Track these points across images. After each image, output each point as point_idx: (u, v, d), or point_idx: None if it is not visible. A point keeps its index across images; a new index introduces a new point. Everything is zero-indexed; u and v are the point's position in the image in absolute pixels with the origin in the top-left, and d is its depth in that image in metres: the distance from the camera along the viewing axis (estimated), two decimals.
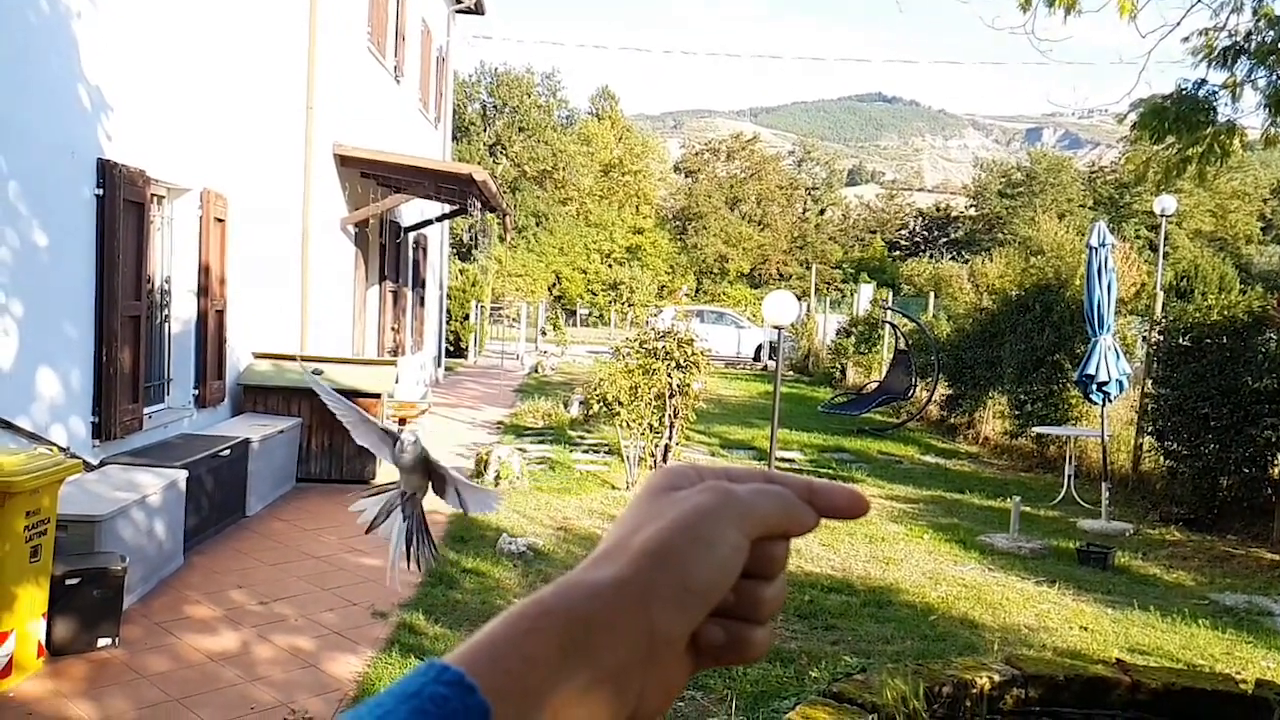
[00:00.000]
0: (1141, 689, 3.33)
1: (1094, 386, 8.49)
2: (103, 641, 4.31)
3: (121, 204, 5.68)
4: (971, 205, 56.81)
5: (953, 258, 45.44)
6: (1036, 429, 10.82)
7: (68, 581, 4.18)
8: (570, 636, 0.40)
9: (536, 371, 19.36)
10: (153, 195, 6.30)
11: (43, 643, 4.08)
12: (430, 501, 1.99)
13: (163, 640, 4.51)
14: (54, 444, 4.75)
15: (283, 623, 4.84)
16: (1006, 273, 14.03)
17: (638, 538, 0.45)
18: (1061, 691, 3.28)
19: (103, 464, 5.45)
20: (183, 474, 5.51)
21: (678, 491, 0.47)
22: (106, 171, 5.55)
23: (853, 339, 18.66)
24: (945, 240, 55.12)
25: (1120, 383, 8.51)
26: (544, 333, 27.99)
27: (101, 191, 5.53)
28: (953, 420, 13.80)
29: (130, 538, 4.80)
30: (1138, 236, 36.03)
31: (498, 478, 8.18)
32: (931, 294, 20.66)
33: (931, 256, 48.93)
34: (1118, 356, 8.47)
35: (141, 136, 6.02)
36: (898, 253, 54.76)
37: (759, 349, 25.12)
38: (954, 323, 14.83)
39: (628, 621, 0.42)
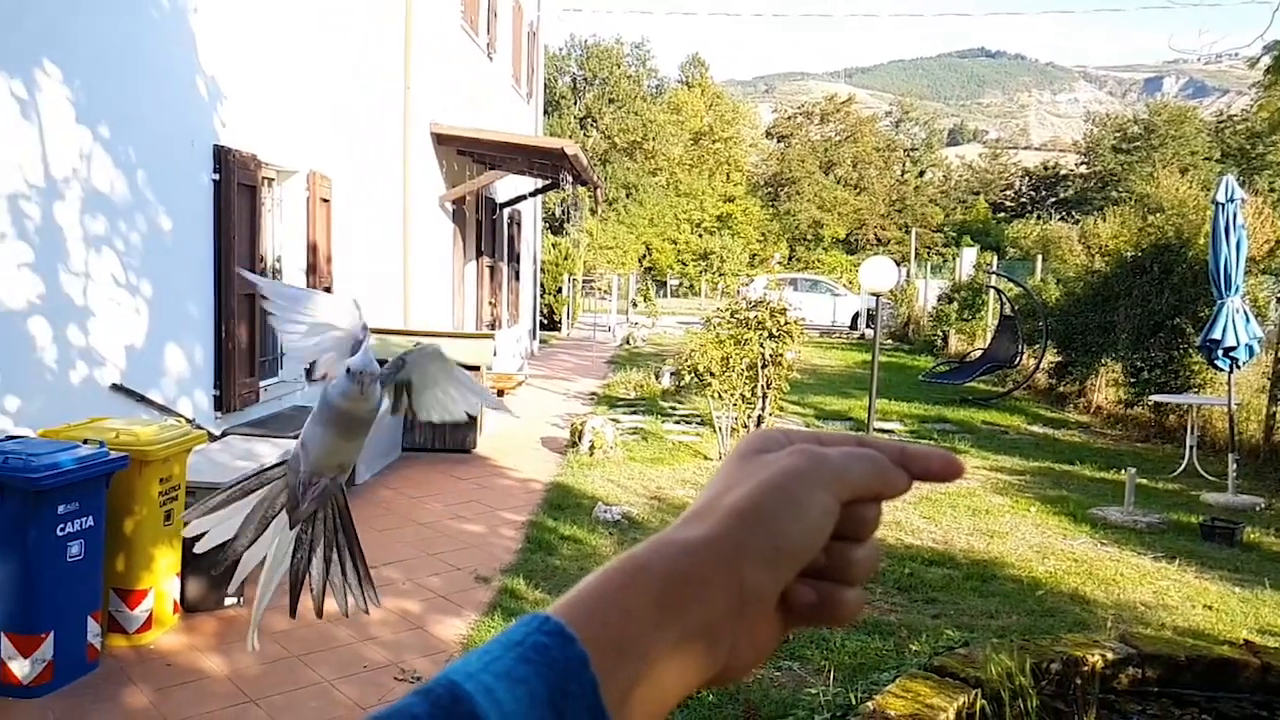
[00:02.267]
0: (1272, 671, 3.18)
1: (1220, 352, 8.04)
2: (230, 600, 4.57)
3: (236, 188, 5.94)
4: (1082, 162, 54.22)
5: (1062, 218, 43.54)
6: (1154, 397, 10.34)
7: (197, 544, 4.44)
8: (664, 591, 0.42)
9: (628, 343, 19.47)
10: (263, 178, 6.55)
11: (177, 600, 4.35)
12: (532, 466, 1.81)
13: (282, 600, 4.73)
14: (182, 415, 5.03)
15: (391, 586, 5.04)
16: (1121, 233, 13.35)
17: (728, 498, 0.45)
18: (1182, 672, 3.16)
19: (225, 434, 5.75)
20: (296, 443, 5.76)
21: (768, 454, 0.47)
22: (222, 158, 5.79)
23: (955, 305, 18.14)
24: (1054, 200, 52.82)
25: (1250, 348, 8.03)
26: (635, 304, 28.10)
27: (218, 177, 5.78)
28: (1062, 389, 13.30)
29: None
30: (1271, 190, 33.78)
31: (592, 447, 8.29)
32: (1039, 257, 19.90)
33: (1039, 218, 46.97)
34: (1247, 320, 7.99)
35: (252, 122, 6.26)
36: (1002, 214, 52.73)
37: (856, 317, 24.67)
38: (1063, 286, 14.25)
39: (719, 578, 0.43)
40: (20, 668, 3.56)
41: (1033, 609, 4.99)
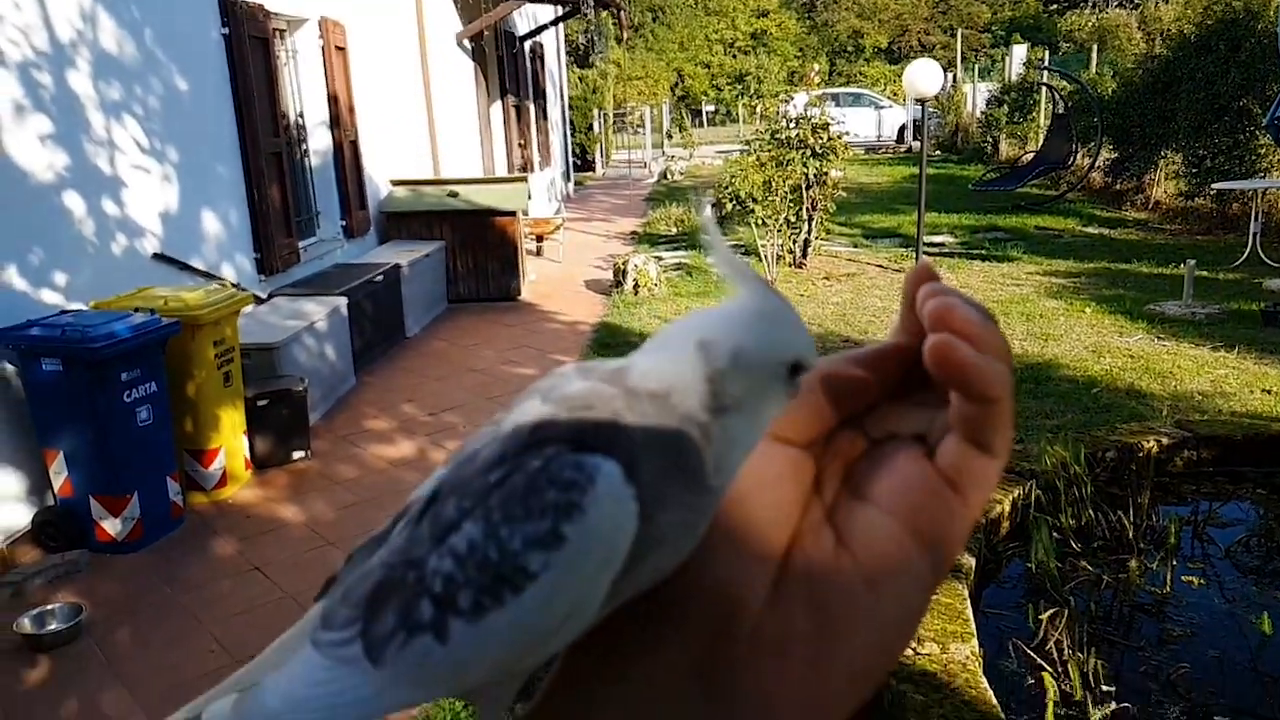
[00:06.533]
0: None
1: None
2: (297, 454, 4.75)
3: (248, 41, 5.76)
4: None
5: (1119, 4, 40.73)
6: (1217, 185, 9.89)
7: (258, 403, 4.59)
8: None
9: (665, 178, 19.07)
10: (274, 30, 6.34)
11: (248, 457, 4.54)
12: (578, 309, 1.71)
13: (348, 451, 4.93)
14: (225, 280, 5.09)
15: (452, 430, 5.19)
16: (1185, 14, 12.45)
17: None
18: (1238, 451, 3.14)
19: (271, 296, 5.82)
20: (343, 300, 5.83)
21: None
22: (229, 10, 5.59)
23: (1005, 108, 17.30)
24: None
25: None
26: (669, 136, 27.35)
27: (227, 30, 5.60)
28: (1118, 186, 12.80)
29: (305, 361, 5.17)
30: None
31: (636, 286, 8.27)
32: (1094, 49, 18.73)
33: (1094, 6, 43.97)
34: None
35: None
36: (1054, 6, 49.42)
37: (901, 130, 23.77)
38: (1120, 78, 13.46)
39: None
40: (112, 526, 3.77)
41: (1088, 406, 4.97)
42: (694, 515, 0.30)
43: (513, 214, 8.31)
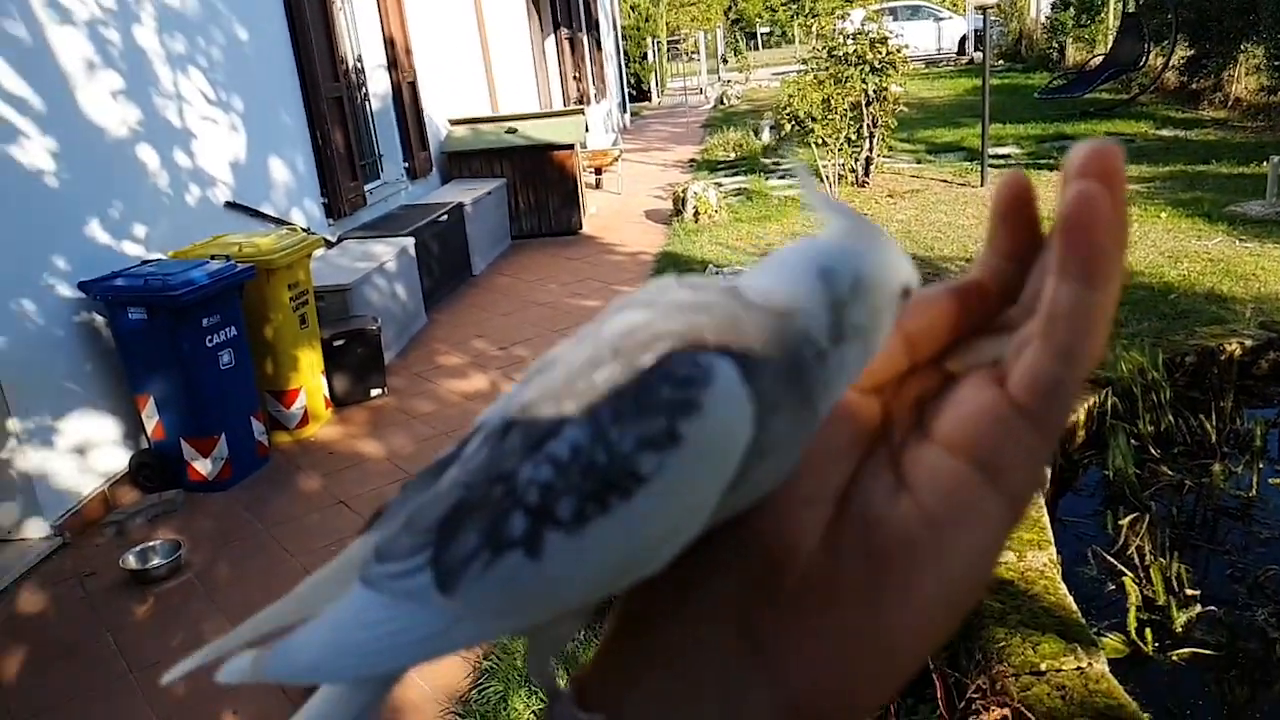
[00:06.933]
0: None
1: None
2: (374, 391, 4.90)
3: None
4: None
5: None
6: None
7: (334, 343, 4.72)
8: None
9: (722, 103, 18.73)
10: None
11: (327, 396, 4.69)
12: (639, 239, 1.59)
13: (423, 387, 5.06)
14: (295, 224, 5.21)
15: (522, 363, 5.28)
16: None
17: None
18: None
19: (340, 240, 5.94)
20: (410, 241, 5.92)
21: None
22: None
23: (1071, 11, 16.52)
24: None
25: None
26: (725, 61, 26.76)
27: None
28: (1194, 85, 12.18)
29: (377, 301, 5.29)
30: None
31: (696, 213, 8.21)
32: None
33: None
34: None
35: None
36: None
37: (963, 41, 22.87)
38: None
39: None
40: (203, 466, 3.96)
41: (1165, 313, 4.82)
42: (800, 431, 0.28)
43: (570, 147, 8.29)
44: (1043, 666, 2.05)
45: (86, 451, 3.82)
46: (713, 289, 0.29)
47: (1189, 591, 2.66)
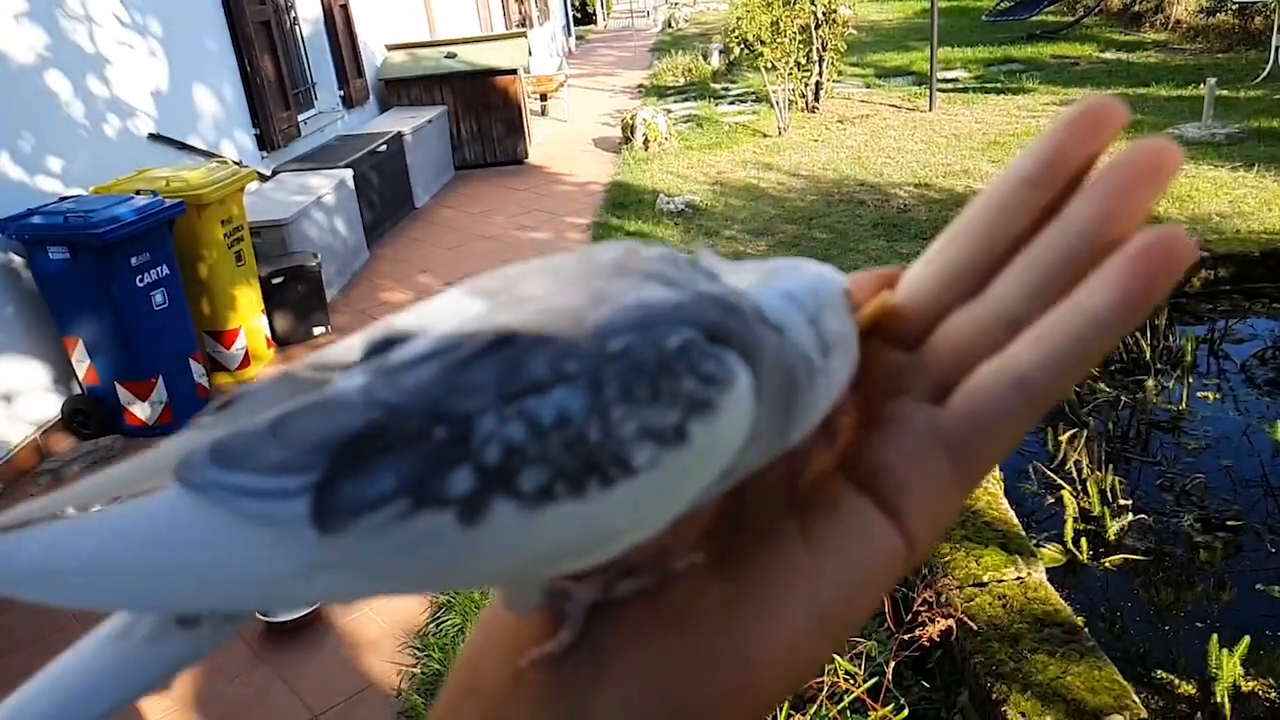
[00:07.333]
0: None
1: None
2: (318, 330, 4.80)
3: None
4: None
5: None
6: None
7: (273, 281, 4.60)
8: None
9: (670, 27, 18.37)
10: None
11: (269, 336, 4.59)
12: (587, 168, 1.55)
13: (368, 324, 4.95)
14: (224, 157, 5.02)
15: None
16: None
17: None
18: (1256, 267, 3.11)
19: (275, 173, 5.75)
20: (348, 173, 5.75)
21: None
22: None
23: None
24: None
25: None
26: None
27: None
28: (1137, 7, 12.22)
29: (316, 236, 5.15)
30: None
31: (646, 141, 8.08)
32: None
33: None
34: None
35: None
36: None
37: None
38: None
39: None
40: (141, 411, 3.86)
41: None
42: (773, 448, 0.26)
43: (514, 72, 8.07)
44: (985, 578, 2.10)
45: (13, 399, 3.69)
46: (713, 286, 0.26)
47: (1122, 502, 2.75)
